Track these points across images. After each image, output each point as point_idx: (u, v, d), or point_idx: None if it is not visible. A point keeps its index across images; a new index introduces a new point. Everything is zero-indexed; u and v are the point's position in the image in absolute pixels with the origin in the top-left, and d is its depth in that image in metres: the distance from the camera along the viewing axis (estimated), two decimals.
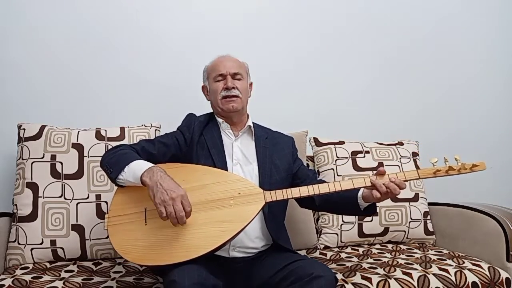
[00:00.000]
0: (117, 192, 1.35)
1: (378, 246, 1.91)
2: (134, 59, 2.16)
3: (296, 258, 1.36)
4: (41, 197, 1.67)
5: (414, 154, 2.11)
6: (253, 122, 1.61)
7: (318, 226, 1.97)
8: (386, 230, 1.93)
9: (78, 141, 1.75)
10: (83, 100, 2.09)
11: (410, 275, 1.50)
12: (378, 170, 1.37)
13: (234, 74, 1.55)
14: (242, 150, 1.54)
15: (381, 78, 2.49)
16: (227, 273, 1.39)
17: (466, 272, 1.54)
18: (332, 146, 2.04)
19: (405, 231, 1.95)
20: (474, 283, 1.52)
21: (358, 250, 1.85)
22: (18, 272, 1.51)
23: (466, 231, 1.83)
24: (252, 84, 1.67)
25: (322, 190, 1.35)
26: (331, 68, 2.42)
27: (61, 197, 1.68)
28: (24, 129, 1.74)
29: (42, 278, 1.45)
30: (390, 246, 1.90)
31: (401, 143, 2.13)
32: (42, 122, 1.79)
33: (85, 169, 1.72)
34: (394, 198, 1.73)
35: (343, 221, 1.92)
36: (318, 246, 1.91)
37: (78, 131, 1.79)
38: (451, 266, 1.58)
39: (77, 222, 1.67)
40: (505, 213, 1.77)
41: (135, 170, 1.28)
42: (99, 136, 1.79)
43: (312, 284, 1.19)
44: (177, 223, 1.20)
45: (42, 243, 1.63)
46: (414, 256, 1.72)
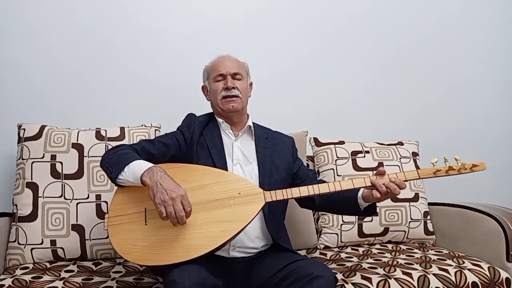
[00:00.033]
0: (117, 192, 1.35)
1: (378, 246, 1.91)
2: (134, 59, 2.16)
3: (296, 258, 1.36)
4: (41, 197, 1.67)
5: (414, 154, 2.11)
6: (253, 122, 1.60)
7: (318, 226, 1.97)
8: (386, 230, 1.93)
9: (78, 141, 1.75)
10: (83, 100, 2.09)
11: (410, 275, 1.50)
12: (378, 170, 1.37)
13: (234, 74, 1.55)
14: (242, 150, 1.54)
15: (381, 78, 2.49)
16: (227, 273, 1.39)
17: (466, 272, 1.54)
18: (332, 146, 2.04)
19: (405, 231, 1.95)
20: (474, 283, 1.52)
21: (358, 250, 1.85)
22: (18, 272, 1.51)
23: (466, 231, 1.83)
24: (252, 84, 1.67)
25: (322, 190, 1.35)
26: (331, 68, 2.42)
27: (61, 197, 1.68)
28: (24, 129, 1.74)
29: (42, 278, 1.45)
30: (390, 246, 1.90)
31: (401, 143, 2.13)
32: (42, 122, 1.79)
33: (85, 169, 1.72)
34: (394, 198, 1.73)
35: (343, 221, 1.92)
36: (318, 246, 1.91)
37: (78, 131, 1.79)
38: (451, 266, 1.58)
39: (77, 222, 1.67)
40: (505, 213, 1.77)
41: (135, 170, 1.28)
42: (99, 136, 1.79)
43: (312, 284, 1.19)
44: (177, 223, 1.20)
45: (42, 243, 1.63)
46: (414, 256, 1.72)
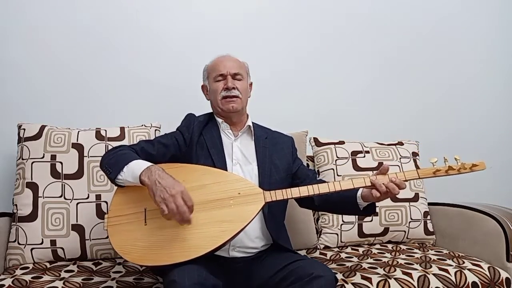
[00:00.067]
0: (116, 192, 1.35)
1: (378, 246, 1.90)
2: (134, 59, 2.16)
3: (296, 258, 1.36)
4: (41, 197, 1.67)
5: (414, 154, 2.11)
6: (252, 122, 1.60)
7: (318, 226, 1.97)
8: (386, 230, 1.93)
9: (78, 141, 1.75)
10: (83, 100, 2.09)
11: (410, 275, 1.50)
12: (382, 167, 1.37)
13: (235, 75, 1.55)
14: (241, 150, 1.54)
15: (381, 78, 2.49)
16: (227, 273, 1.38)
17: (466, 272, 1.54)
18: (332, 146, 2.04)
19: (405, 231, 1.95)
20: (474, 283, 1.52)
21: (358, 250, 1.85)
22: (18, 272, 1.51)
23: (466, 231, 1.83)
24: (251, 84, 1.66)
25: (322, 190, 1.35)
26: (331, 68, 2.42)
27: (61, 197, 1.68)
28: (24, 129, 1.74)
29: (42, 278, 1.45)
30: (390, 246, 1.90)
31: (401, 143, 2.13)
32: (42, 122, 1.79)
33: (85, 169, 1.72)
34: (393, 198, 1.73)
35: (343, 221, 1.92)
36: (318, 246, 1.91)
37: (78, 131, 1.79)
38: (451, 266, 1.58)
39: (77, 222, 1.67)
40: (505, 213, 1.76)
41: (134, 170, 1.27)
42: (99, 136, 1.79)
43: (312, 284, 1.19)
44: (181, 220, 1.19)
45: (42, 243, 1.63)
46: (414, 256, 1.72)
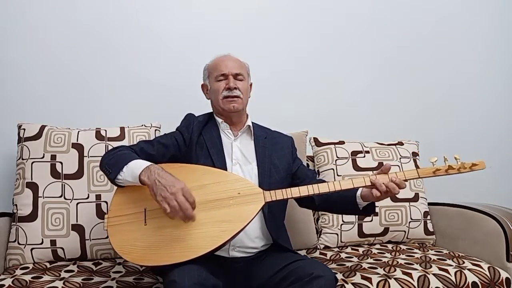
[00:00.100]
0: (116, 192, 1.35)
1: (378, 246, 1.90)
2: (134, 59, 2.16)
3: (296, 258, 1.36)
4: (41, 197, 1.67)
5: (414, 154, 2.11)
6: (252, 122, 1.60)
7: (318, 226, 1.97)
8: (386, 230, 1.93)
9: (78, 141, 1.75)
10: (83, 100, 2.09)
11: (410, 275, 1.50)
12: (383, 166, 1.37)
13: (236, 75, 1.55)
14: (241, 150, 1.54)
15: (381, 78, 2.49)
16: (227, 273, 1.38)
17: (466, 272, 1.54)
18: (332, 146, 2.04)
19: (405, 231, 1.94)
20: (474, 283, 1.52)
21: (358, 250, 1.85)
22: (18, 272, 1.51)
23: (466, 231, 1.83)
24: (252, 84, 1.66)
25: (321, 190, 1.35)
26: (331, 68, 2.42)
27: (61, 197, 1.68)
28: (24, 129, 1.74)
29: (42, 278, 1.45)
30: (390, 246, 1.90)
31: (401, 143, 2.13)
32: (42, 122, 1.79)
33: (85, 169, 1.72)
34: (393, 197, 1.73)
35: (343, 221, 1.92)
36: (318, 246, 1.91)
37: (78, 131, 1.79)
38: (451, 266, 1.58)
39: (77, 222, 1.67)
40: (505, 213, 1.76)
41: (134, 170, 1.27)
42: (99, 136, 1.79)
43: (312, 284, 1.19)
44: (185, 217, 1.19)
45: (42, 243, 1.63)
46: (414, 256, 1.72)
